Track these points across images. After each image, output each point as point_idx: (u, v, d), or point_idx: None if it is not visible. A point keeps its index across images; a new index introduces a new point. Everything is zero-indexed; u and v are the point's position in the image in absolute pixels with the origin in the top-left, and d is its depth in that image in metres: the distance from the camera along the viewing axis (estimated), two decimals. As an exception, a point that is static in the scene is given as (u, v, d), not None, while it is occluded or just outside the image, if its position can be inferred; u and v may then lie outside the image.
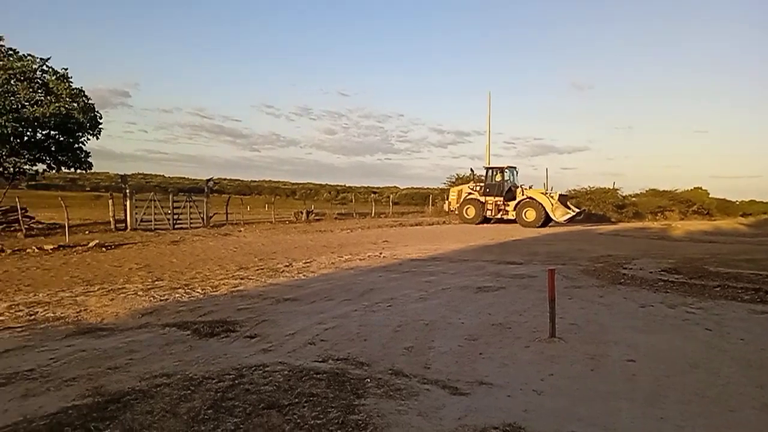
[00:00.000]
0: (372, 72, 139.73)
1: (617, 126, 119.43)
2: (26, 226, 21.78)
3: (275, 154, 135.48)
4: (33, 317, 8.10)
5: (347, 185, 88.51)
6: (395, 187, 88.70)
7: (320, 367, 5.69)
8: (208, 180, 30.21)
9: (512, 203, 32.78)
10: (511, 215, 32.74)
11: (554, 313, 7.02)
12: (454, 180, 49.61)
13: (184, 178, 79.14)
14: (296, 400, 4.75)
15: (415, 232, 27.65)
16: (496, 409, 4.68)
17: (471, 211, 34.09)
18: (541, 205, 31.31)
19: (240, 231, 25.63)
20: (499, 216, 33.36)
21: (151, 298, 9.59)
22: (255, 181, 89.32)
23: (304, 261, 14.91)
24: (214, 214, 28.88)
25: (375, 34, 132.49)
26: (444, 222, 35.81)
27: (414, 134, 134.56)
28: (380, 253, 16.90)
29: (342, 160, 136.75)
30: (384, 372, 5.57)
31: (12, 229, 21.83)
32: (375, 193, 67.99)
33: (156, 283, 11.23)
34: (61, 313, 8.34)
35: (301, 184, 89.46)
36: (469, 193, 34.93)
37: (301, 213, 35.72)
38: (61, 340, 6.84)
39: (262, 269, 13.31)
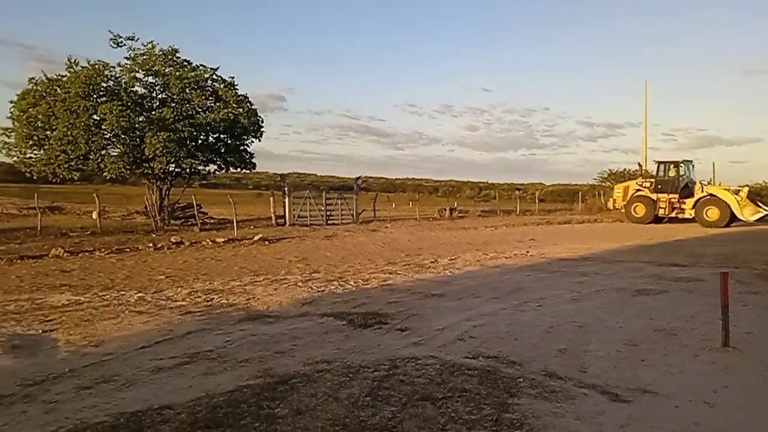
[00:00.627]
0: (515, 66, 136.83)
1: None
2: (201, 221, 24.26)
3: (418, 152, 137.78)
4: (210, 303, 9.03)
5: (489, 182, 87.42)
6: (540, 183, 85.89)
7: (471, 364, 5.72)
8: (357, 178, 31.50)
9: (689, 201, 29.22)
10: (689, 214, 29.35)
11: (728, 320, 6.41)
12: (606, 175, 46.85)
13: (333, 176, 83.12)
14: (449, 394, 4.83)
15: (564, 230, 26.59)
16: (662, 419, 4.39)
17: (640, 210, 30.77)
18: (725, 202, 27.99)
19: (387, 227, 26.38)
20: (673, 214, 30.05)
21: (310, 289, 10.24)
22: (399, 179, 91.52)
23: (449, 258, 15.00)
24: (363, 210, 30.03)
25: (517, 28, 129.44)
26: (596, 220, 34.02)
27: (560, 128, 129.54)
28: (527, 252, 16.51)
29: (484, 157, 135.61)
30: (537, 373, 5.46)
31: (189, 223, 24.44)
32: (519, 189, 66.37)
33: (313, 275, 11.95)
34: (233, 300, 9.20)
35: (443, 181, 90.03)
36: (638, 190, 31.46)
37: (445, 210, 35.90)
38: (234, 324, 7.55)
39: (409, 264, 13.62)
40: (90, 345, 6.54)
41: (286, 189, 26.90)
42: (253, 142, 25.88)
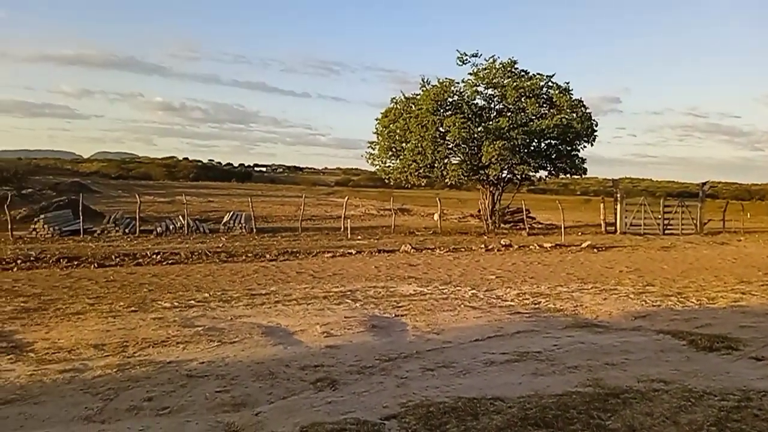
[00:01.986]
0: None
1: None
2: (528, 226, 24.80)
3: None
4: (537, 306, 9.23)
5: None
6: None
7: None
8: (703, 184, 27.97)
9: None
10: None
11: None
12: None
13: (672, 181, 75.58)
14: (824, 443, 4.03)
15: None
16: None
17: None
18: None
19: (739, 240, 22.87)
20: None
21: (643, 302, 9.62)
22: (757, 185, 77.81)
23: (830, 281, 12.29)
24: (709, 220, 26.59)
25: None
26: None
27: None
28: None
29: None
30: None
31: (518, 227, 25.21)
32: None
33: (647, 287, 11.17)
34: (560, 306, 9.23)
35: (824, 186, 73.21)
36: None
37: (825, 223, 29.29)
38: (561, 329, 7.58)
39: (769, 285, 11.63)
40: (432, 332, 7.36)
41: (617, 195, 25.55)
42: (585, 147, 25.41)
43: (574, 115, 24.06)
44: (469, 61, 25.01)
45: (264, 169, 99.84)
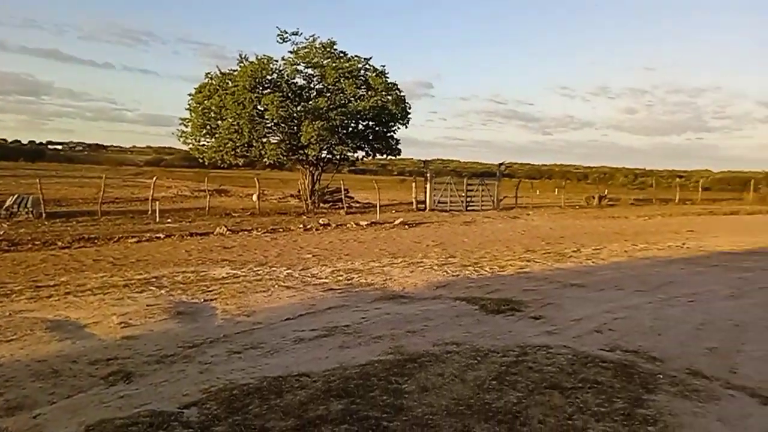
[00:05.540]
0: (684, 40, 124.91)
1: None
2: (347, 205, 25.38)
3: (567, 137, 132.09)
4: (350, 282, 9.50)
5: (647, 169, 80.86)
6: (707, 170, 77.47)
7: (606, 356, 5.49)
8: (500, 164, 30.93)
9: None
10: None
11: None
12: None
13: (477, 162, 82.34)
14: (579, 384, 4.70)
15: (729, 221, 24.13)
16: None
17: None
18: None
19: (528, 214, 25.72)
20: None
21: (445, 273, 10.38)
22: (546, 165, 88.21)
23: (593, 247, 14.33)
24: (504, 197, 29.50)
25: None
26: (769, 211, 30.36)
27: (734, 109, 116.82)
28: (683, 244, 15.25)
29: (643, 142, 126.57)
30: (679, 370, 5.11)
31: (337, 206, 25.67)
32: (681, 177, 60.77)
33: (449, 259, 12.07)
34: (372, 280, 9.61)
35: (594, 167, 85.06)
36: None
37: (593, 198, 34.11)
38: (370, 303, 7.90)
39: (548, 253, 13.23)
40: (243, 314, 7.20)
41: (427, 175, 27.24)
42: (399, 128, 26.50)
43: (389, 97, 24.92)
44: (290, 39, 24.61)
45: (60, 147, 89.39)
